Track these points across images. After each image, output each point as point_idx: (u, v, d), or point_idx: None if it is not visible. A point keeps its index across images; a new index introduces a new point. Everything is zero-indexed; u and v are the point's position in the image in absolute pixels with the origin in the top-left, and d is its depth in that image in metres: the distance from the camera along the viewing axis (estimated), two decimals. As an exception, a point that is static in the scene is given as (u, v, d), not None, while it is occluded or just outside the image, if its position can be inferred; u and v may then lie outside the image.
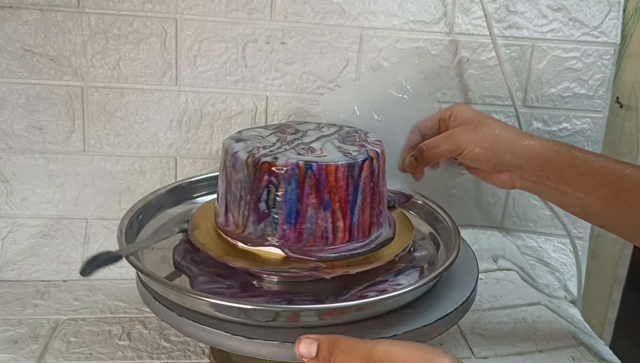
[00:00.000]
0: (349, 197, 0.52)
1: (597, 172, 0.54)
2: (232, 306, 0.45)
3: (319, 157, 0.52)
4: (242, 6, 0.75)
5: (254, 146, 0.55)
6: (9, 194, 0.77)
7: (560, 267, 0.86)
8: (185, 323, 0.46)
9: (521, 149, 0.58)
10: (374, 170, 0.53)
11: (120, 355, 0.60)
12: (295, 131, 0.60)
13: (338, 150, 0.55)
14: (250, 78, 0.78)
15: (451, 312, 0.49)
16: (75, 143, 0.77)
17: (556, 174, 0.56)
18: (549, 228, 0.87)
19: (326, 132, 0.60)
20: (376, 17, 0.78)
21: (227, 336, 0.45)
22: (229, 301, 0.46)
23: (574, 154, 0.56)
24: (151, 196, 0.63)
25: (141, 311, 0.67)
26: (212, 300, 0.45)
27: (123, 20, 0.74)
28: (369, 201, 0.54)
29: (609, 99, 0.84)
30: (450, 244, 0.56)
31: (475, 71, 0.81)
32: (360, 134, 0.60)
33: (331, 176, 0.51)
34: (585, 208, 0.56)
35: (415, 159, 0.64)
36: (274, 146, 0.55)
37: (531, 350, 0.65)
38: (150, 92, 0.77)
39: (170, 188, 0.66)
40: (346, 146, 0.56)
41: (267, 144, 0.56)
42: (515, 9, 0.79)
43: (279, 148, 0.54)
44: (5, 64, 0.74)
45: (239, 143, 0.56)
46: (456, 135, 0.62)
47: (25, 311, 0.66)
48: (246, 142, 0.56)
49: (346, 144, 0.56)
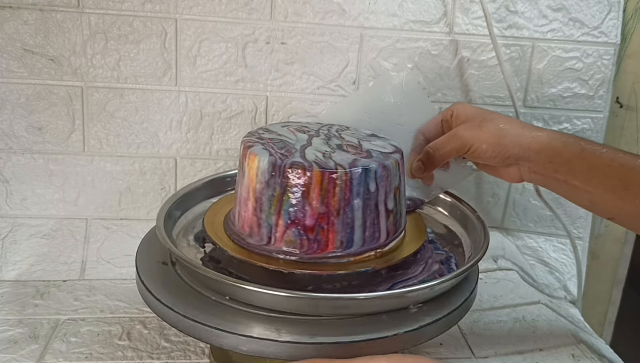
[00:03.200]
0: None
1: (606, 164, 0.54)
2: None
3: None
4: (242, 6, 0.75)
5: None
6: (9, 194, 0.77)
7: (560, 267, 0.86)
8: (185, 322, 0.47)
9: (529, 142, 0.57)
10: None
11: (120, 355, 0.60)
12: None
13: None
14: (250, 78, 0.78)
15: (451, 312, 0.49)
16: (75, 143, 0.77)
17: (565, 166, 0.56)
18: (549, 228, 0.87)
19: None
20: (376, 17, 0.78)
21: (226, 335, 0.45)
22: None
23: (582, 146, 0.55)
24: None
25: (141, 311, 0.67)
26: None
27: (123, 20, 0.74)
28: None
29: (609, 99, 0.84)
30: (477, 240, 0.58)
31: (475, 71, 0.81)
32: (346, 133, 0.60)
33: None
34: (593, 201, 0.56)
35: (423, 163, 0.62)
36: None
37: (531, 348, 0.65)
38: (150, 93, 0.77)
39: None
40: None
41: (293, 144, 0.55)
42: (515, 9, 0.80)
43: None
44: (5, 64, 0.74)
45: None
46: (461, 133, 0.60)
47: (25, 311, 0.66)
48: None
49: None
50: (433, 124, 0.66)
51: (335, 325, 0.46)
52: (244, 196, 0.53)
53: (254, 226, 0.52)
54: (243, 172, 0.53)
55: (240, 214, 0.54)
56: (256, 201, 0.52)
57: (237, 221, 0.55)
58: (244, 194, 0.53)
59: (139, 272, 0.53)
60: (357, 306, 0.47)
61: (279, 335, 0.45)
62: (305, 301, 0.46)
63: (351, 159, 0.52)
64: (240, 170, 0.54)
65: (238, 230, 0.54)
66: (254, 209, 0.52)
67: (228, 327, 0.45)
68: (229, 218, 0.58)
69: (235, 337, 0.45)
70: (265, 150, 0.52)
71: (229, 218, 0.58)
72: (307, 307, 0.47)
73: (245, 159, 0.53)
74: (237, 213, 0.55)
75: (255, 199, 0.52)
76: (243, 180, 0.53)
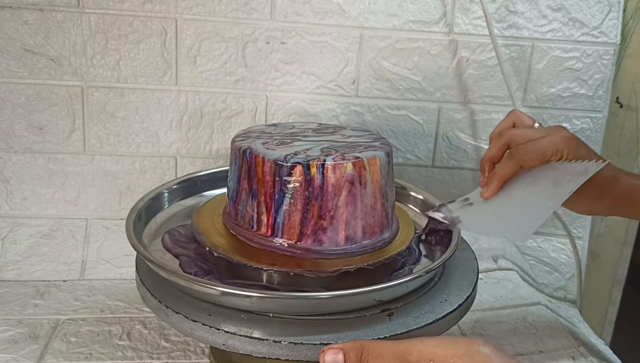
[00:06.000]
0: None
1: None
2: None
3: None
4: (242, 6, 0.76)
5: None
6: (9, 194, 0.77)
7: (560, 267, 0.86)
8: (185, 323, 0.47)
9: (633, 189, 0.55)
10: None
11: (120, 355, 0.60)
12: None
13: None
14: (250, 78, 0.78)
15: (451, 312, 0.49)
16: (75, 142, 0.77)
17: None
18: (549, 228, 0.87)
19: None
20: (376, 17, 0.78)
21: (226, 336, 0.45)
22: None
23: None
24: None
25: (141, 311, 0.67)
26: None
27: (123, 20, 0.74)
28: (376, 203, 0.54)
29: (609, 99, 0.84)
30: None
31: (475, 71, 0.81)
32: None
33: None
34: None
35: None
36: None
37: (531, 350, 0.65)
38: (150, 92, 0.77)
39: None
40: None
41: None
42: (515, 9, 0.80)
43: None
44: (5, 64, 0.74)
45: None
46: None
47: (25, 311, 0.66)
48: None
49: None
50: (526, 117, 0.59)
51: (335, 324, 0.46)
52: (370, 202, 0.52)
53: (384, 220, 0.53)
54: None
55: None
56: (383, 196, 0.53)
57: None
58: (370, 201, 0.52)
59: (139, 272, 0.53)
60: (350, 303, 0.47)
61: (279, 335, 0.45)
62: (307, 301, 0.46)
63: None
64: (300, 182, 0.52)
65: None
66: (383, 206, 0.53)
67: (227, 327, 0.45)
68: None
69: (235, 337, 0.45)
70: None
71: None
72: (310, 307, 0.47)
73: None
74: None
75: (382, 196, 0.53)
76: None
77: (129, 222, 0.54)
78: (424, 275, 0.49)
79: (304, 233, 0.51)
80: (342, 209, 0.51)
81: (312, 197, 0.50)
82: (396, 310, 0.48)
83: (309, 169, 0.50)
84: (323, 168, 0.50)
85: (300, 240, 0.51)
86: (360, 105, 0.81)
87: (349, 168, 0.50)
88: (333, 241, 0.51)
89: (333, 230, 0.51)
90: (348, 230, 0.51)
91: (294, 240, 0.51)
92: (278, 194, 0.51)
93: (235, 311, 0.46)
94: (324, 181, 0.50)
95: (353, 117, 0.81)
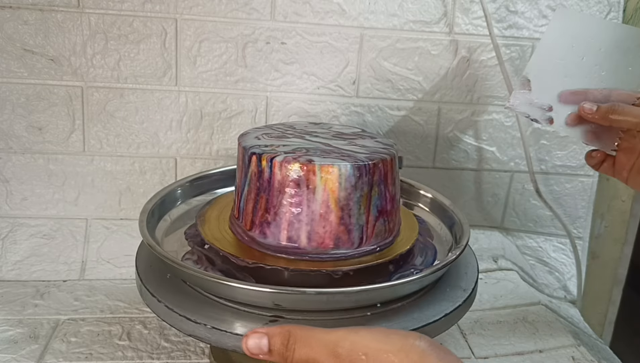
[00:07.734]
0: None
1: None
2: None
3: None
4: (242, 6, 0.76)
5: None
6: (9, 194, 0.77)
7: (560, 267, 0.86)
8: (185, 323, 0.47)
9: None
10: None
11: (120, 355, 0.60)
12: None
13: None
14: (250, 78, 0.78)
15: (451, 312, 0.49)
16: (75, 143, 0.77)
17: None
18: (549, 228, 0.87)
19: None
20: (376, 17, 0.78)
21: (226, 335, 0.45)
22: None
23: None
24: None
25: (141, 311, 0.67)
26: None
27: (123, 20, 0.74)
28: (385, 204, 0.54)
29: (609, 99, 0.84)
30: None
31: (475, 71, 0.81)
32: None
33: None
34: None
35: (596, 111, 0.58)
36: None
37: (531, 350, 0.65)
38: (150, 93, 0.77)
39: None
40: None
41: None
42: (515, 9, 0.80)
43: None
44: (5, 64, 0.74)
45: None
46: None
47: (25, 311, 0.66)
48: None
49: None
50: (626, 95, 0.61)
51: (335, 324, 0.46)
52: (320, 210, 0.52)
53: (342, 235, 0.52)
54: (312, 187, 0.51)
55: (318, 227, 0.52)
56: (342, 209, 0.51)
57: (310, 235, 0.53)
58: (321, 209, 0.52)
59: (139, 272, 0.53)
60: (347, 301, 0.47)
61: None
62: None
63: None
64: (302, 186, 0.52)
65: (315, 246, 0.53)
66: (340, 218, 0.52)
67: (227, 327, 0.45)
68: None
69: (235, 337, 0.45)
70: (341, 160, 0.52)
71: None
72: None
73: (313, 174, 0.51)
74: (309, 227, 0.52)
75: (340, 209, 0.51)
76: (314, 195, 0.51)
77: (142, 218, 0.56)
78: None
79: (254, 222, 0.53)
80: (286, 208, 0.51)
81: (262, 189, 0.52)
82: (396, 310, 0.48)
83: (260, 161, 0.52)
84: (271, 163, 0.51)
85: (251, 228, 0.53)
86: (361, 105, 0.81)
87: (294, 167, 0.50)
88: (276, 237, 0.52)
89: (276, 226, 0.52)
90: (290, 231, 0.52)
91: (247, 227, 0.54)
92: (241, 180, 0.54)
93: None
94: (271, 176, 0.51)
95: (353, 117, 0.81)
